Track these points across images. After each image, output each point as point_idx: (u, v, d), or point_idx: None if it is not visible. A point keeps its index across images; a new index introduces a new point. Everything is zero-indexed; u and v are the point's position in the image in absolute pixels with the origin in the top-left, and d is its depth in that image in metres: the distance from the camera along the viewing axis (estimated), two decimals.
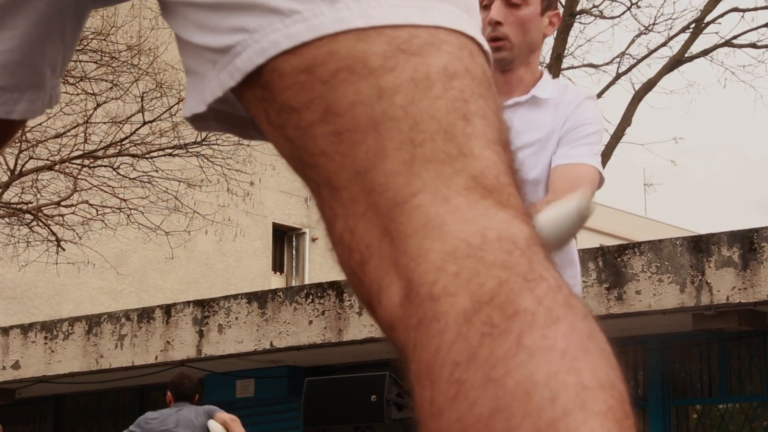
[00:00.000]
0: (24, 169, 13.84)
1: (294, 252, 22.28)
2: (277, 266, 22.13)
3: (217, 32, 0.79)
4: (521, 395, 0.63)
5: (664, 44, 16.75)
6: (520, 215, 0.72)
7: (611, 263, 9.54)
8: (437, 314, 0.67)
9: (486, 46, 0.80)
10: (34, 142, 13.95)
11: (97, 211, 14.19)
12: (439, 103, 0.74)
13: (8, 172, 13.81)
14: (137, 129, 14.28)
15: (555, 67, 15.12)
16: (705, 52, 16.52)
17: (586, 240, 17.45)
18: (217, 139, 14.70)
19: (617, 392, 0.65)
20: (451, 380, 0.66)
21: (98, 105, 14.25)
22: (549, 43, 15.45)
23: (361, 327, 10.63)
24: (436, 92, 0.74)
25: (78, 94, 14.21)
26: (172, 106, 14.43)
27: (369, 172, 0.73)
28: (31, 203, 14.15)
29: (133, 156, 14.36)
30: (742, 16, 15.57)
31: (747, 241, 8.99)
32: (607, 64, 17.24)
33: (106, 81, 14.35)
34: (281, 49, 0.76)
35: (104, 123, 14.41)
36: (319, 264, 21.72)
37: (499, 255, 0.69)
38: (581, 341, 0.66)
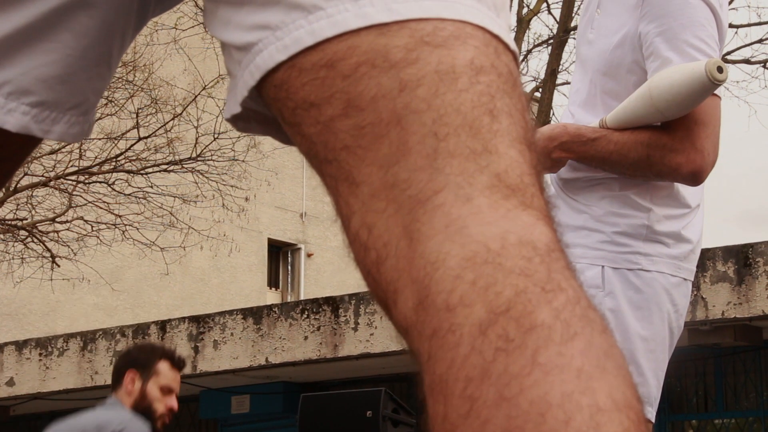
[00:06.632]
0: (19, 185, 13.82)
1: (289, 268, 22.23)
2: (273, 282, 22.07)
3: (241, 29, 0.79)
4: (534, 416, 0.62)
5: None
6: (543, 217, 0.71)
7: None
8: (452, 326, 0.66)
9: (513, 45, 0.79)
10: (29, 158, 13.93)
11: (92, 227, 14.17)
12: (465, 97, 0.72)
13: (3, 189, 13.78)
14: (132, 145, 14.26)
15: (549, 83, 15.12)
16: None
17: None
18: (212, 155, 14.69)
19: (633, 413, 0.64)
20: (464, 396, 0.65)
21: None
22: (544, 59, 15.45)
23: (356, 343, 10.61)
24: (461, 85, 0.73)
25: None
26: (167, 122, 14.42)
27: (392, 167, 0.72)
28: (26, 219, 14.12)
29: (128, 172, 14.34)
30: (736, 32, 15.61)
31: (742, 257, 8.99)
32: None
33: (101, 97, 14.33)
34: (304, 46, 0.75)
35: (99, 139, 14.39)
36: (315, 279, 21.67)
37: (518, 261, 0.67)
38: (598, 359, 0.65)
